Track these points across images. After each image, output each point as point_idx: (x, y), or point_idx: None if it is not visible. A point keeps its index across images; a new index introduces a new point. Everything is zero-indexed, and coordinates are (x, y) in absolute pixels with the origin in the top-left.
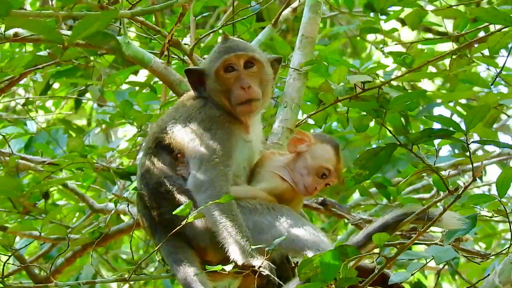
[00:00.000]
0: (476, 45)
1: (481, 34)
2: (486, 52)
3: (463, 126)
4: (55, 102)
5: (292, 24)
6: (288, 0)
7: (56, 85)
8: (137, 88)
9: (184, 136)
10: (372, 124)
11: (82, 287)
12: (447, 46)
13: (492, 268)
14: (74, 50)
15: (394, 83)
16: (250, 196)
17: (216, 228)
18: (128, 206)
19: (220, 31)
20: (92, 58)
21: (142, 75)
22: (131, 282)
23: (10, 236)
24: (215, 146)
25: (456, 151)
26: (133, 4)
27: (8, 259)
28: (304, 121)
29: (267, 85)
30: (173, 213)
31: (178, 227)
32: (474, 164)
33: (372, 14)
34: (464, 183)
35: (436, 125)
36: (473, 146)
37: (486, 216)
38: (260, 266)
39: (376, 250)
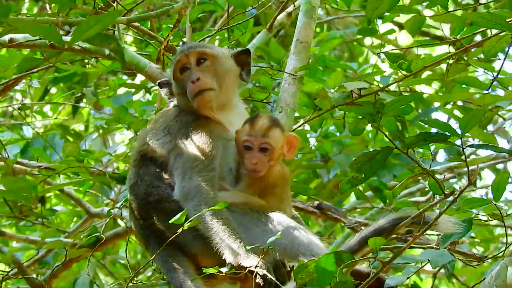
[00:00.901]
0: (473, 50)
1: (478, 38)
2: (482, 56)
3: (459, 130)
4: (53, 108)
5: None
6: (283, 4)
7: (53, 90)
8: (133, 90)
9: (165, 147)
10: (369, 127)
11: None
12: (445, 49)
13: (489, 273)
14: (69, 53)
15: (391, 87)
16: (240, 202)
17: (209, 234)
18: (121, 213)
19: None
20: (87, 61)
21: (138, 79)
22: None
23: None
24: (196, 152)
25: (452, 155)
26: (128, 10)
27: (8, 273)
28: (300, 126)
29: (225, 76)
30: (170, 222)
31: (172, 237)
32: (470, 168)
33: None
34: (460, 187)
35: (433, 130)
36: (468, 150)
37: (481, 220)
38: (256, 266)
39: (372, 254)
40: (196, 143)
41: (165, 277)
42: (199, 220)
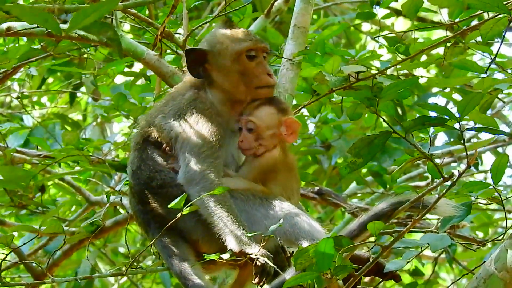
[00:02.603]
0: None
1: (475, 22)
2: (480, 39)
3: (458, 114)
4: (50, 97)
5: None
6: None
7: (50, 80)
8: (131, 78)
9: (173, 130)
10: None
11: (79, 282)
12: (443, 35)
13: (489, 256)
14: (67, 43)
15: (389, 72)
16: (243, 188)
17: (211, 219)
18: (121, 199)
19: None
20: (85, 50)
21: (137, 67)
22: (129, 276)
23: (9, 235)
24: (204, 139)
25: (452, 139)
26: None
27: (6, 257)
28: (298, 111)
29: None
30: (169, 206)
31: (171, 221)
32: (469, 152)
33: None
34: (459, 171)
35: (432, 114)
36: (468, 134)
37: (481, 203)
38: (257, 254)
39: (372, 239)
40: (204, 131)
41: (164, 262)
42: (201, 205)
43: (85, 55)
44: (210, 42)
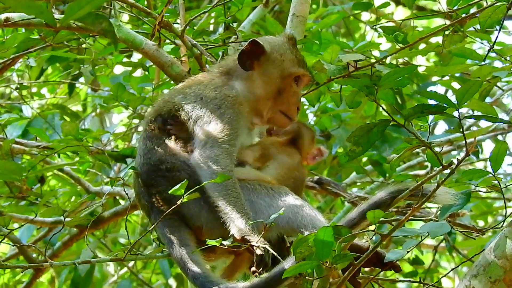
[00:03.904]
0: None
1: (474, 9)
2: (478, 27)
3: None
4: (50, 89)
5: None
6: None
7: (49, 71)
8: (130, 68)
9: (193, 111)
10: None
11: (78, 267)
12: (441, 23)
13: (489, 244)
14: (66, 32)
15: (388, 61)
16: (251, 178)
17: (218, 202)
18: (124, 187)
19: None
20: (84, 40)
21: (136, 57)
22: (129, 264)
23: (6, 217)
24: (223, 125)
25: (452, 127)
26: None
27: (3, 239)
28: None
29: None
30: (169, 192)
31: (173, 207)
32: (468, 140)
33: None
34: (458, 160)
35: (431, 102)
36: (468, 122)
37: (480, 191)
38: (257, 242)
39: (372, 228)
40: (224, 117)
41: (164, 250)
42: (211, 188)
43: (84, 45)
44: (272, 47)
